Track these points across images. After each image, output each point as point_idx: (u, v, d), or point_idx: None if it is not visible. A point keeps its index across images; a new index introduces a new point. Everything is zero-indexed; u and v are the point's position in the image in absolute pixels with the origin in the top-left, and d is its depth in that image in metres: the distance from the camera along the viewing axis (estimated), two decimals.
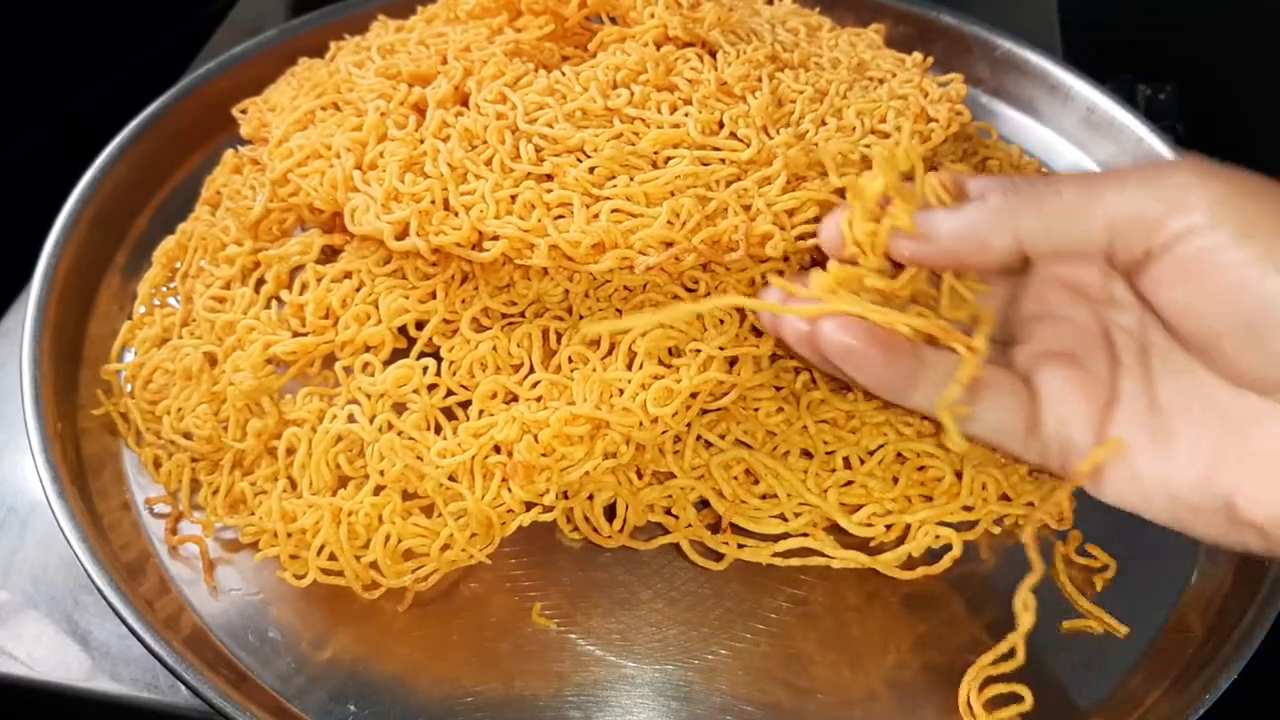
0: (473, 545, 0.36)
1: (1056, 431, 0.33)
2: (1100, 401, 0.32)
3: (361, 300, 0.39)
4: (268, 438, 0.38)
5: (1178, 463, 0.30)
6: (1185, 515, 0.31)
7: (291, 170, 0.39)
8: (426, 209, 0.36)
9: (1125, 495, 0.32)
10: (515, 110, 0.37)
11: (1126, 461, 0.31)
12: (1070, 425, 0.32)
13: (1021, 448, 0.33)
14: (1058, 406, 0.33)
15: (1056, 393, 0.33)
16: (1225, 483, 0.29)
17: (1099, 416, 0.32)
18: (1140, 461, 0.31)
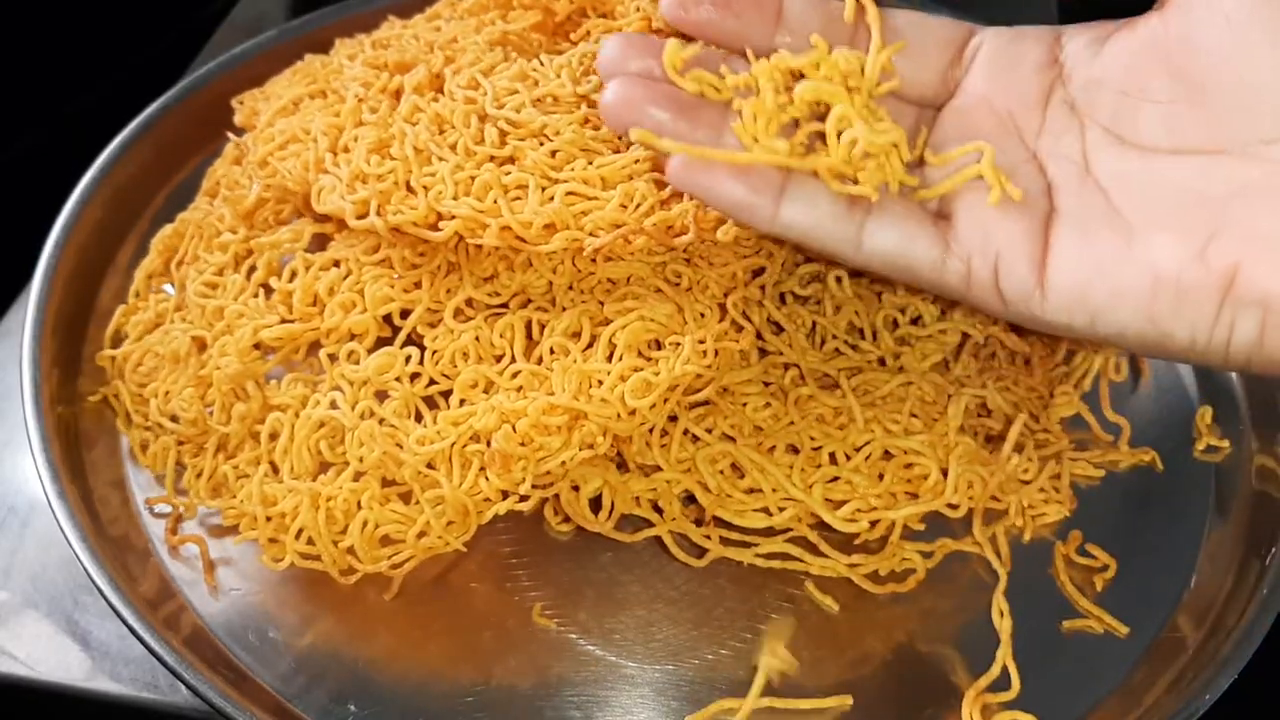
0: (449, 533, 0.36)
1: (980, 249, 0.30)
2: (1037, 214, 0.30)
3: (348, 288, 0.39)
4: (251, 422, 0.38)
5: (1156, 249, 0.28)
6: (1165, 305, 0.28)
7: (272, 154, 0.40)
8: (388, 189, 0.36)
9: (1086, 295, 0.29)
10: (485, 95, 0.38)
11: (1083, 256, 0.29)
12: (997, 239, 0.30)
13: (934, 271, 0.31)
14: (980, 222, 0.30)
15: (976, 207, 0.31)
16: (1224, 257, 0.27)
17: (1037, 229, 0.30)
18: (1104, 255, 0.29)
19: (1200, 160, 0.29)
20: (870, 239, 0.31)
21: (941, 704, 0.35)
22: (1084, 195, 0.30)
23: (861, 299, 0.42)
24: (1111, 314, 0.29)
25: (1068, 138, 0.31)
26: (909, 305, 0.42)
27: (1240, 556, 0.39)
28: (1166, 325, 0.28)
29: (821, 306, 0.42)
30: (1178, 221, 0.28)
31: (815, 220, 0.31)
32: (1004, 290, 0.30)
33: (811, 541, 0.38)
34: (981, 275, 0.30)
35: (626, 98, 0.31)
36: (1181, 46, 0.29)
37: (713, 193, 0.30)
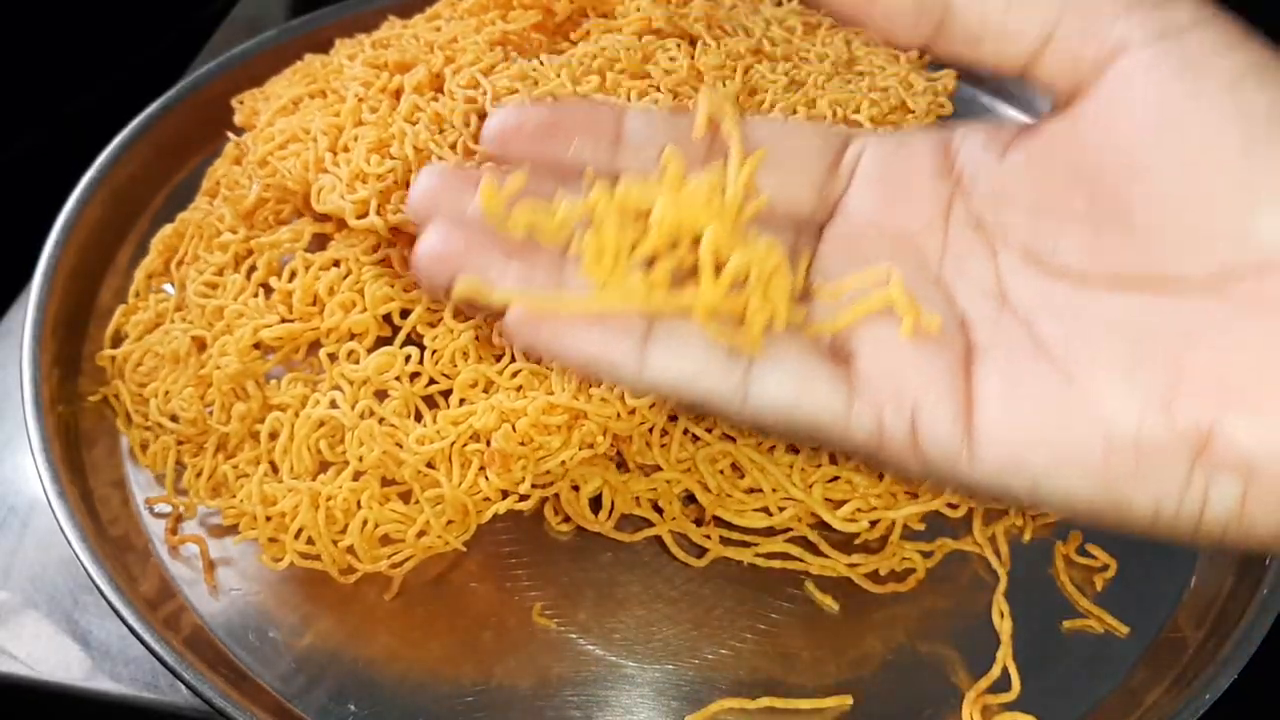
0: (449, 532, 0.36)
1: (893, 397, 0.24)
2: (955, 352, 0.25)
3: (348, 288, 0.39)
4: (251, 422, 0.38)
5: (1106, 399, 0.23)
6: (1122, 468, 0.23)
7: (272, 154, 0.40)
8: (388, 189, 0.36)
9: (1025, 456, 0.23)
10: (485, 95, 0.38)
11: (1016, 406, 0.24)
12: (911, 384, 0.24)
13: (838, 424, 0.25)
14: (889, 363, 0.25)
15: (881, 347, 0.25)
16: (1193, 411, 0.22)
17: (957, 371, 0.24)
18: (1042, 404, 0.23)
19: (1140, 294, 0.23)
20: (758, 388, 0.25)
21: (941, 704, 0.35)
22: (1005, 330, 0.25)
23: None
24: (1057, 478, 0.23)
25: (976, 261, 0.26)
26: None
27: (1240, 556, 0.39)
28: (1124, 492, 0.23)
29: None
30: (1127, 364, 0.23)
31: (690, 370, 0.25)
32: (924, 448, 0.24)
33: (811, 541, 0.38)
34: (895, 430, 0.24)
35: (444, 248, 0.25)
36: (1095, 155, 0.23)
37: (562, 348, 0.25)
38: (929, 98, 0.42)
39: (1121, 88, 0.23)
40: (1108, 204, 0.23)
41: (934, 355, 0.25)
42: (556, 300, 0.25)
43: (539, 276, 0.25)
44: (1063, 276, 0.24)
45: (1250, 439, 0.22)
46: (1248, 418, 0.22)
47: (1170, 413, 0.22)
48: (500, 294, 0.25)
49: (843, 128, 0.29)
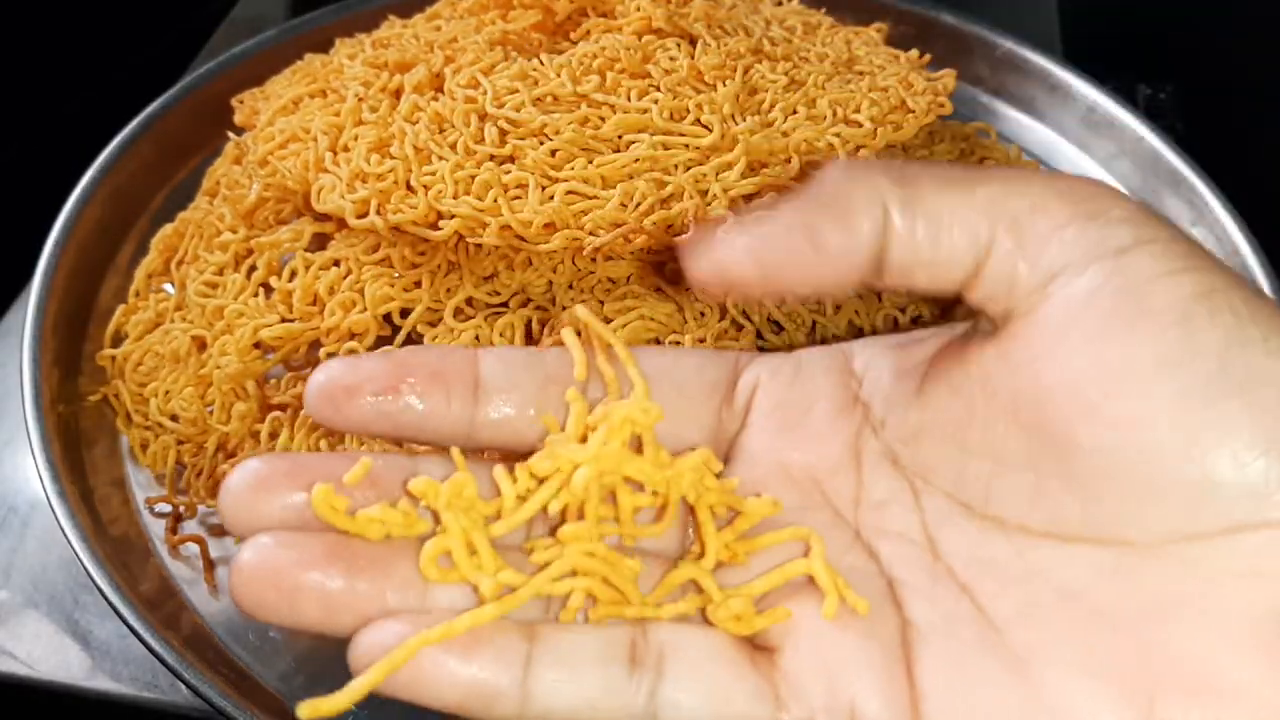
0: None
1: (826, 700, 0.21)
2: (890, 633, 0.21)
3: (348, 287, 0.39)
4: (251, 421, 0.38)
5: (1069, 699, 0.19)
6: None
7: (272, 153, 0.40)
8: (388, 189, 0.36)
9: None
10: (485, 95, 0.38)
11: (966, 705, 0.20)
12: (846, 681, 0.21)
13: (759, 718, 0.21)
14: (818, 654, 0.21)
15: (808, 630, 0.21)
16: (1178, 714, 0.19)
17: (894, 658, 0.21)
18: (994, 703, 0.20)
19: (1092, 556, 0.20)
20: (669, 709, 0.21)
21: None
22: (942, 600, 0.21)
23: (861, 298, 0.42)
24: None
25: (899, 509, 0.23)
26: (909, 305, 0.42)
27: None
28: None
29: (821, 305, 0.42)
30: (1090, 654, 0.20)
31: (586, 693, 0.20)
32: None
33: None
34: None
35: (270, 572, 0.20)
36: (1032, 389, 0.20)
37: (426, 690, 0.20)
38: (929, 98, 0.42)
39: (1060, 315, 0.20)
40: (1048, 446, 0.20)
41: (867, 641, 0.21)
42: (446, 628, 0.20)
43: (394, 595, 0.21)
44: (1000, 528, 0.21)
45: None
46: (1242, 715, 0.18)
47: (1151, 715, 0.19)
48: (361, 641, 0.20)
49: (730, 353, 0.26)
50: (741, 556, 0.23)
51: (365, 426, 0.23)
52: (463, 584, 0.21)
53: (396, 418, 0.23)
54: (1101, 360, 0.19)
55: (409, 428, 0.23)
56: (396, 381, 0.23)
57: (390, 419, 0.23)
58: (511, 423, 0.23)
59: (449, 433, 0.23)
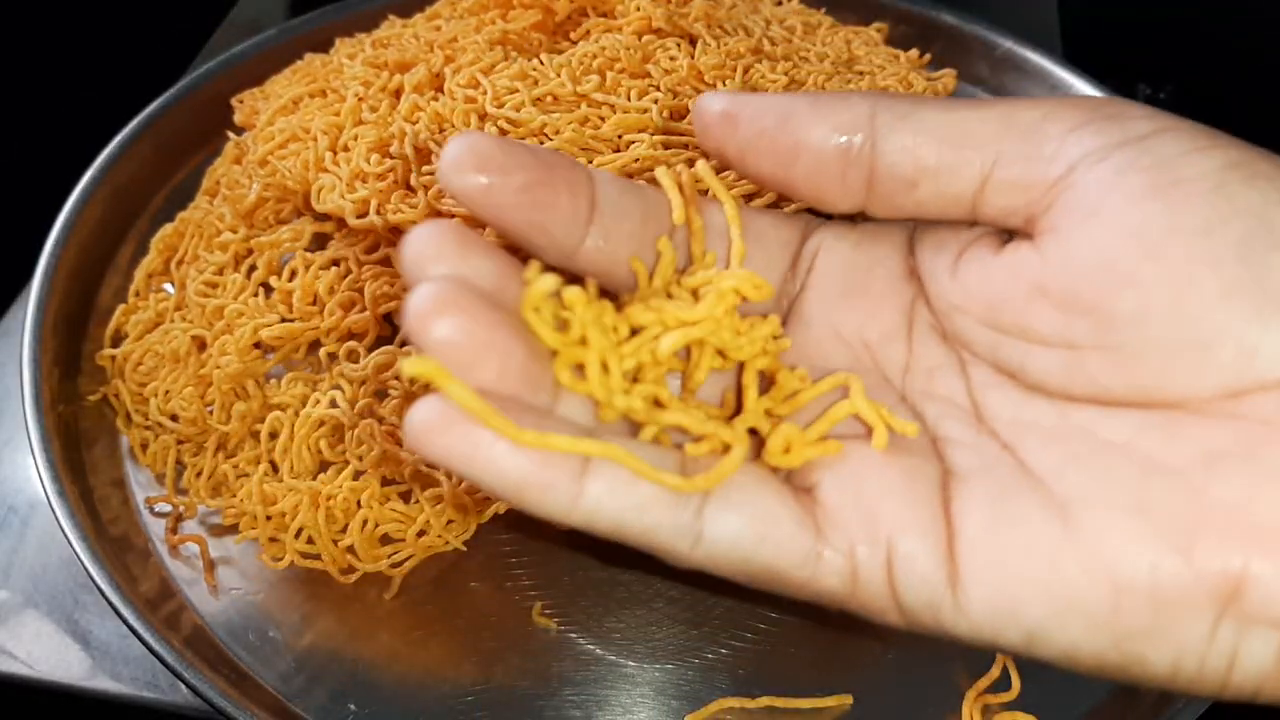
0: (449, 532, 0.36)
1: (866, 533, 0.21)
2: (930, 478, 0.22)
3: (348, 287, 0.39)
4: (251, 421, 0.38)
5: (1111, 540, 0.20)
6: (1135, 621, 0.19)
7: (272, 153, 0.40)
8: (388, 188, 0.36)
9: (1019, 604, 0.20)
10: (485, 95, 0.38)
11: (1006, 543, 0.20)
12: (885, 518, 0.21)
13: (804, 569, 0.21)
14: (858, 493, 0.21)
15: (847, 475, 0.22)
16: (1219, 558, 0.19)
17: (934, 500, 0.21)
18: (1036, 543, 0.20)
19: (1137, 416, 0.20)
20: (713, 528, 0.21)
21: (941, 704, 0.35)
22: (985, 454, 0.22)
23: None
24: (1057, 629, 0.20)
25: (945, 376, 0.23)
26: None
27: None
28: (1137, 647, 0.20)
29: None
30: (1134, 497, 0.20)
31: (634, 504, 0.21)
32: (902, 592, 0.21)
33: None
34: (870, 571, 0.21)
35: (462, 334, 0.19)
36: (1063, 271, 0.21)
37: (481, 466, 0.20)
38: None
39: (1087, 196, 0.20)
40: (1084, 319, 0.20)
41: (908, 481, 0.21)
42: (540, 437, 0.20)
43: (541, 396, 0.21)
44: (1044, 395, 0.21)
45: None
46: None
47: (1191, 557, 0.19)
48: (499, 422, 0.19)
49: (801, 216, 0.26)
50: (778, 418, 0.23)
51: (499, 215, 0.22)
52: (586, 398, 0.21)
53: (524, 215, 0.22)
54: (1136, 230, 0.20)
55: (532, 229, 0.22)
56: (545, 176, 0.22)
57: (520, 215, 0.22)
58: (610, 253, 0.23)
59: (558, 246, 0.23)
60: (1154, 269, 0.19)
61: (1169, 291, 0.19)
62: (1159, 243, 0.19)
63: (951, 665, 0.36)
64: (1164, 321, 0.19)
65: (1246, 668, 0.19)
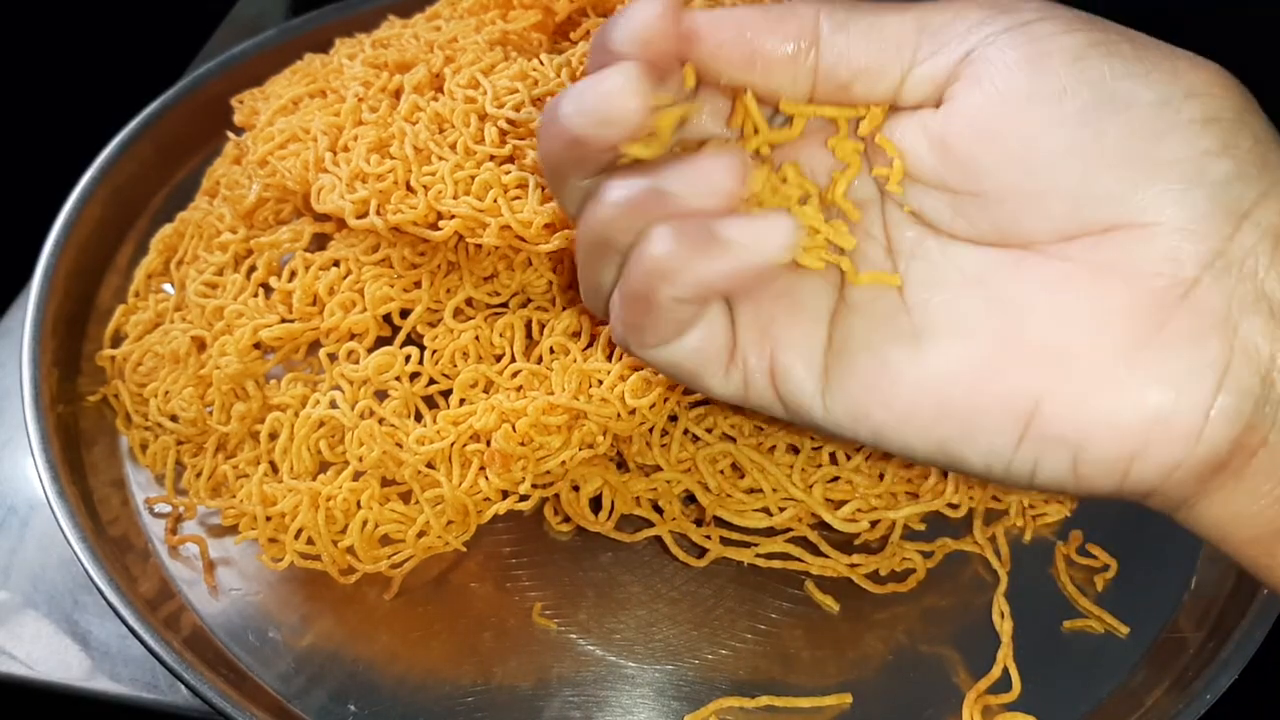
0: (449, 533, 0.36)
1: (757, 346, 0.26)
2: (823, 307, 0.26)
3: (348, 288, 0.39)
4: (251, 422, 0.38)
5: (942, 366, 0.24)
6: (952, 431, 0.24)
7: (272, 153, 0.40)
8: (388, 189, 0.36)
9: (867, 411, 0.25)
10: (485, 95, 0.38)
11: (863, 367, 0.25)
12: (775, 334, 0.26)
13: (718, 380, 0.27)
14: (762, 312, 0.26)
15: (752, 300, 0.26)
16: (1018, 383, 0.23)
17: (821, 326, 0.26)
18: (886, 367, 0.25)
19: (995, 254, 0.24)
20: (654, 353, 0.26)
21: (942, 705, 0.35)
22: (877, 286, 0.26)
23: None
24: (895, 434, 0.25)
25: (871, 210, 0.26)
26: None
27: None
28: (957, 451, 0.24)
29: None
30: (968, 331, 0.24)
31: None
32: (783, 395, 0.26)
33: (812, 541, 0.38)
34: (757, 382, 0.26)
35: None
36: (951, 131, 0.24)
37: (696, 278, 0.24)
38: None
39: (974, 71, 0.24)
40: (959, 170, 0.24)
41: (801, 307, 0.26)
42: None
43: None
44: (934, 234, 0.25)
45: (1075, 412, 0.23)
46: (1072, 388, 0.23)
47: (1000, 382, 0.23)
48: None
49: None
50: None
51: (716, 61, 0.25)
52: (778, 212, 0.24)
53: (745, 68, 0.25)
54: (1004, 95, 0.23)
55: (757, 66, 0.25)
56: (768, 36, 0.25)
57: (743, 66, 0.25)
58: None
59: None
60: (1011, 128, 0.23)
61: (1021, 147, 0.23)
62: (1020, 106, 0.23)
63: (951, 665, 0.36)
64: (1016, 172, 0.23)
65: (1047, 475, 0.24)
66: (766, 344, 0.26)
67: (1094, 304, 0.23)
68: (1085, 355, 0.23)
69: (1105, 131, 0.22)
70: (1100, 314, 0.23)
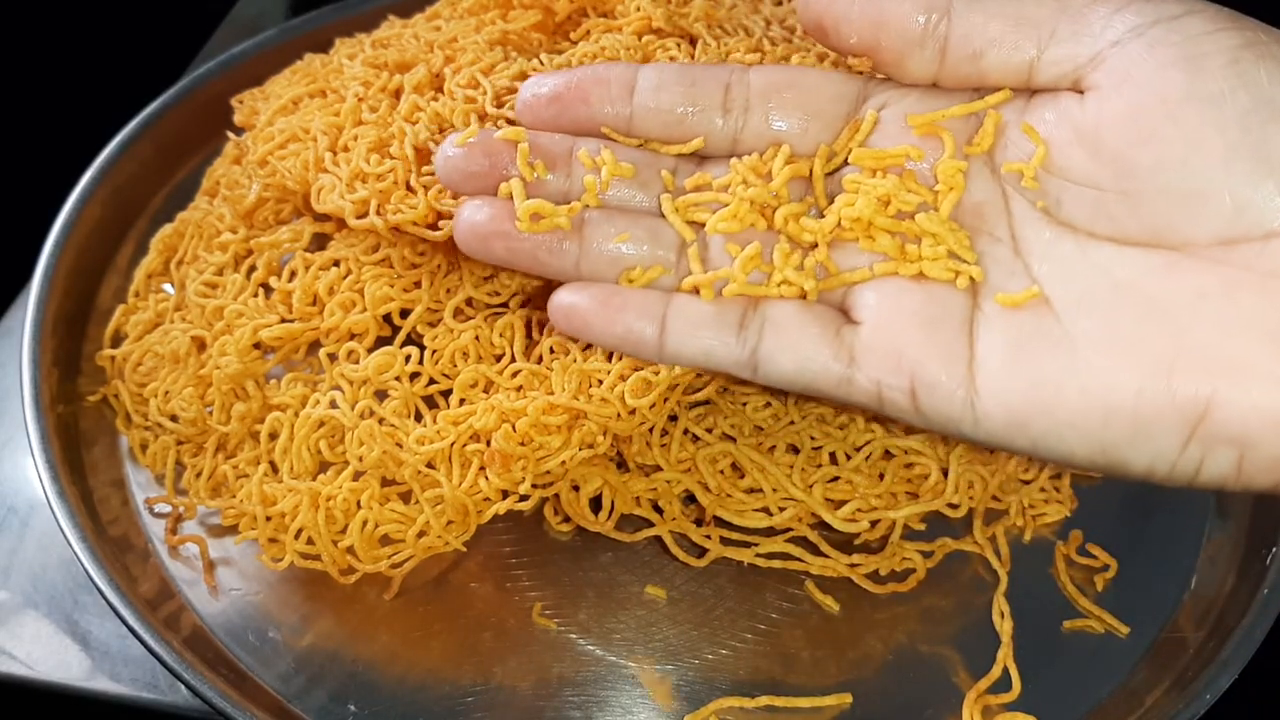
0: (449, 533, 0.36)
1: (892, 367, 0.26)
2: (960, 317, 0.26)
3: (348, 288, 0.39)
4: (251, 421, 0.38)
5: (1106, 374, 0.24)
6: (1119, 435, 0.24)
7: (271, 153, 0.40)
8: (388, 189, 0.36)
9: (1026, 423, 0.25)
10: (485, 95, 0.38)
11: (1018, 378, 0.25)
12: (911, 353, 0.26)
13: (840, 390, 0.27)
14: (892, 327, 0.26)
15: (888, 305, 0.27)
16: (1190, 387, 0.23)
17: (960, 338, 0.26)
18: (1044, 378, 0.25)
19: (1144, 256, 0.24)
20: (765, 366, 0.28)
21: (942, 704, 0.35)
22: (1016, 285, 0.26)
23: None
24: (1056, 441, 0.25)
25: (992, 211, 0.27)
26: None
27: (1241, 557, 0.39)
28: (1121, 454, 0.25)
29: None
30: (1128, 336, 0.24)
31: (702, 348, 0.29)
32: (925, 410, 0.26)
33: (812, 541, 0.38)
34: (894, 398, 0.27)
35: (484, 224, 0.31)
36: (1097, 122, 0.25)
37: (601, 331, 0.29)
38: None
39: (1124, 65, 0.24)
40: (1110, 167, 0.24)
41: (938, 321, 0.26)
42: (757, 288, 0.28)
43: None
44: (1071, 232, 0.25)
45: (1246, 413, 0.23)
46: (1244, 391, 0.23)
47: (1169, 384, 0.23)
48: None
49: (860, 76, 0.30)
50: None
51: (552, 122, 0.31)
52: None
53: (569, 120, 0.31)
54: (1159, 94, 0.23)
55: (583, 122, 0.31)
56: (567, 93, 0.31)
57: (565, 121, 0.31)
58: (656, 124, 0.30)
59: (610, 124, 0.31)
60: (1170, 129, 0.23)
61: (1181, 149, 0.23)
62: (1177, 107, 0.23)
63: (951, 665, 0.36)
64: (1174, 174, 0.23)
65: (1210, 473, 0.24)
66: (904, 365, 0.26)
67: (1265, 311, 0.23)
68: (1260, 363, 0.23)
69: (1268, 139, 0.22)
70: (1273, 321, 0.23)
